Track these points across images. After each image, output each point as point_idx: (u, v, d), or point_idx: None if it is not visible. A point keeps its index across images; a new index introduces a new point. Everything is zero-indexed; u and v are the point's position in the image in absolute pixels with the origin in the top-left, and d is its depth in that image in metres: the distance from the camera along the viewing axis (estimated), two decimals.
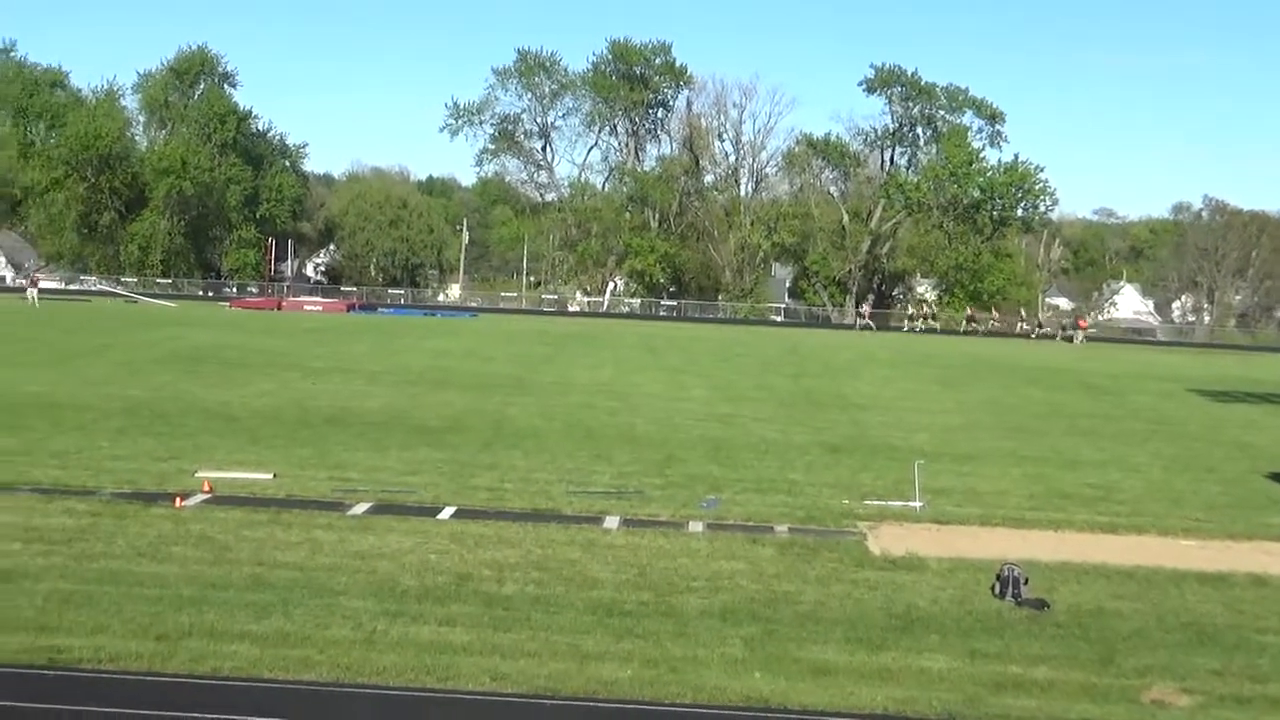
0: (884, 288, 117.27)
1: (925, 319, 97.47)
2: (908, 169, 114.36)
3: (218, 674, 11.19)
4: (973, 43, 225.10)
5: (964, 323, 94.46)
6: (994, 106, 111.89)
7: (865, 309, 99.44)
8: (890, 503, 20.49)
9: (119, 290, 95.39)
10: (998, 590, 14.91)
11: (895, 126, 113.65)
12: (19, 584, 13.51)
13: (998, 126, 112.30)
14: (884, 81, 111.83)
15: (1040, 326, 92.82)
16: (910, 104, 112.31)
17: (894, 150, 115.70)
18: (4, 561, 14.40)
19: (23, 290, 79.61)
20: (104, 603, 12.96)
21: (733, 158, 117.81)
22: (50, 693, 10.60)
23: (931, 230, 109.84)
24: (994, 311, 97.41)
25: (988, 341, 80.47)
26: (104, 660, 11.37)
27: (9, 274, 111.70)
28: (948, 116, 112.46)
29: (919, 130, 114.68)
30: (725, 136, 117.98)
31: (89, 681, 10.91)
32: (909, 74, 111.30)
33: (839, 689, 11.49)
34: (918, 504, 20.28)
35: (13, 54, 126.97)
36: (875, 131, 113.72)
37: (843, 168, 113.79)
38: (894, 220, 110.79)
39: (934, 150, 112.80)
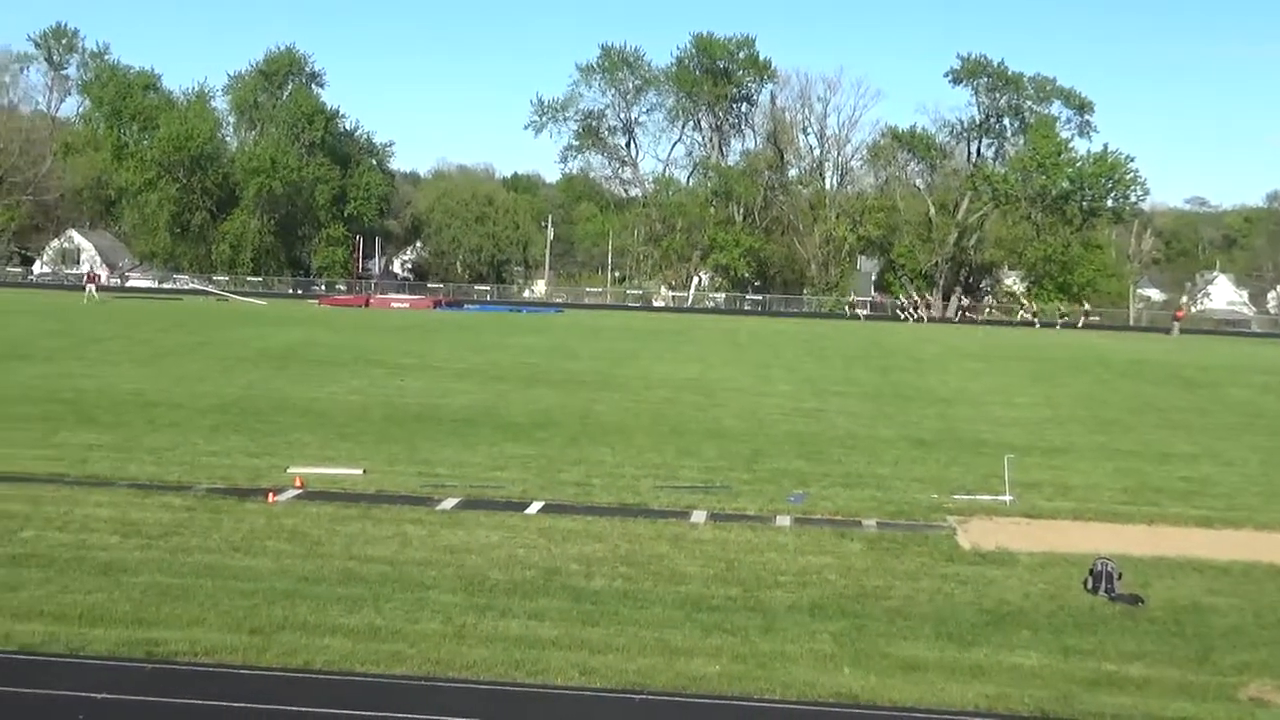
0: (971, 280, 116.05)
1: (915, 308, 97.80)
2: (995, 160, 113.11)
3: (311, 667, 11.31)
4: (1061, 32, 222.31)
5: (959, 314, 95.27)
6: (1082, 96, 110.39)
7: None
8: (979, 497, 20.31)
9: (210, 289, 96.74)
10: (1090, 585, 14.71)
11: (982, 118, 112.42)
12: (117, 578, 13.75)
13: (1086, 116, 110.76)
14: (970, 72, 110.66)
15: (1035, 315, 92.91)
16: (997, 94, 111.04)
17: (980, 141, 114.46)
18: (103, 555, 14.66)
19: (86, 286, 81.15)
20: (200, 596, 13.15)
21: (817, 151, 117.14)
22: (148, 685, 10.78)
23: (1019, 222, 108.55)
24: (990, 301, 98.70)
25: (1077, 334, 79.39)
26: (200, 653, 11.54)
27: (104, 273, 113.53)
28: (1035, 107, 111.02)
29: (1006, 121, 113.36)
30: (809, 130, 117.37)
31: (185, 675, 11.08)
32: (995, 64, 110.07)
33: (929, 685, 11.40)
34: (1007, 498, 20.07)
35: (107, 57, 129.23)
36: (961, 123, 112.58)
37: (928, 160, 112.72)
38: (981, 212, 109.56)
39: (1021, 141, 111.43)
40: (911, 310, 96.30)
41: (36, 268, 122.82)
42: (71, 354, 39.87)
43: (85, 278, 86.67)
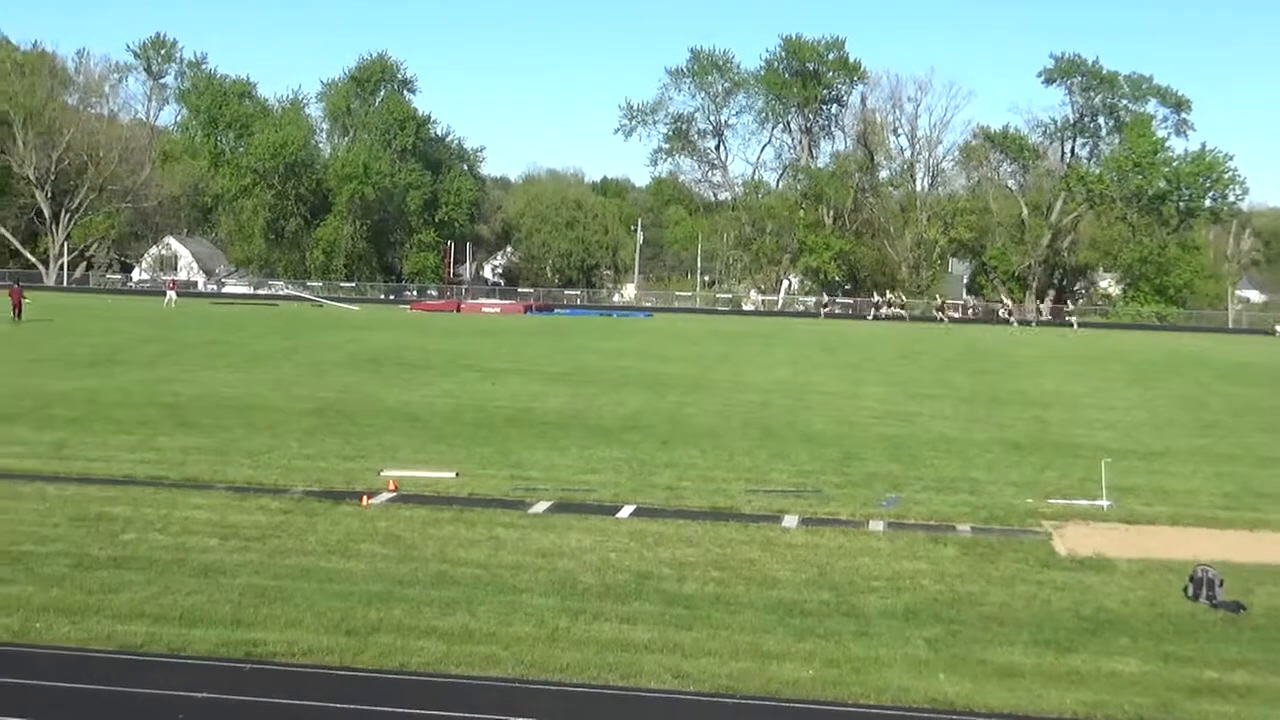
0: (1065, 282, 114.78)
1: (890, 305, 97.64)
2: (1089, 160, 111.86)
3: (406, 669, 11.39)
4: (1157, 29, 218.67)
5: (937, 312, 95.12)
6: (1179, 94, 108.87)
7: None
8: (1076, 502, 20.03)
9: (305, 294, 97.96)
10: (1191, 592, 14.45)
11: (1076, 117, 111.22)
12: (216, 579, 13.95)
13: (1183, 115, 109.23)
14: (1064, 71, 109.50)
15: (1011, 313, 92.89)
16: (1091, 94, 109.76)
17: (1074, 141, 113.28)
18: (203, 557, 14.88)
19: (167, 292, 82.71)
20: (297, 598, 13.30)
21: (908, 152, 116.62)
22: (247, 685, 10.91)
23: (1115, 223, 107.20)
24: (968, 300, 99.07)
25: (1179, 336, 78.20)
26: (297, 655, 11.66)
27: (201, 278, 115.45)
28: (1130, 106, 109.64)
29: (1100, 120, 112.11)
30: (900, 131, 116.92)
31: (283, 675, 11.20)
32: (1090, 63, 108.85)
33: (1026, 692, 11.25)
34: (1104, 503, 19.78)
35: (204, 66, 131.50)
36: (1055, 123, 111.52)
37: (1021, 161, 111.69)
38: (1075, 213, 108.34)
39: (1116, 141, 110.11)
40: (1006, 314, 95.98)
41: (135, 274, 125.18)
42: (169, 359, 40.56)
43: (167, 284, 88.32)
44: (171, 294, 79.61)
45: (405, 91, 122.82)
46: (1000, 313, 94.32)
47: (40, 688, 10.73)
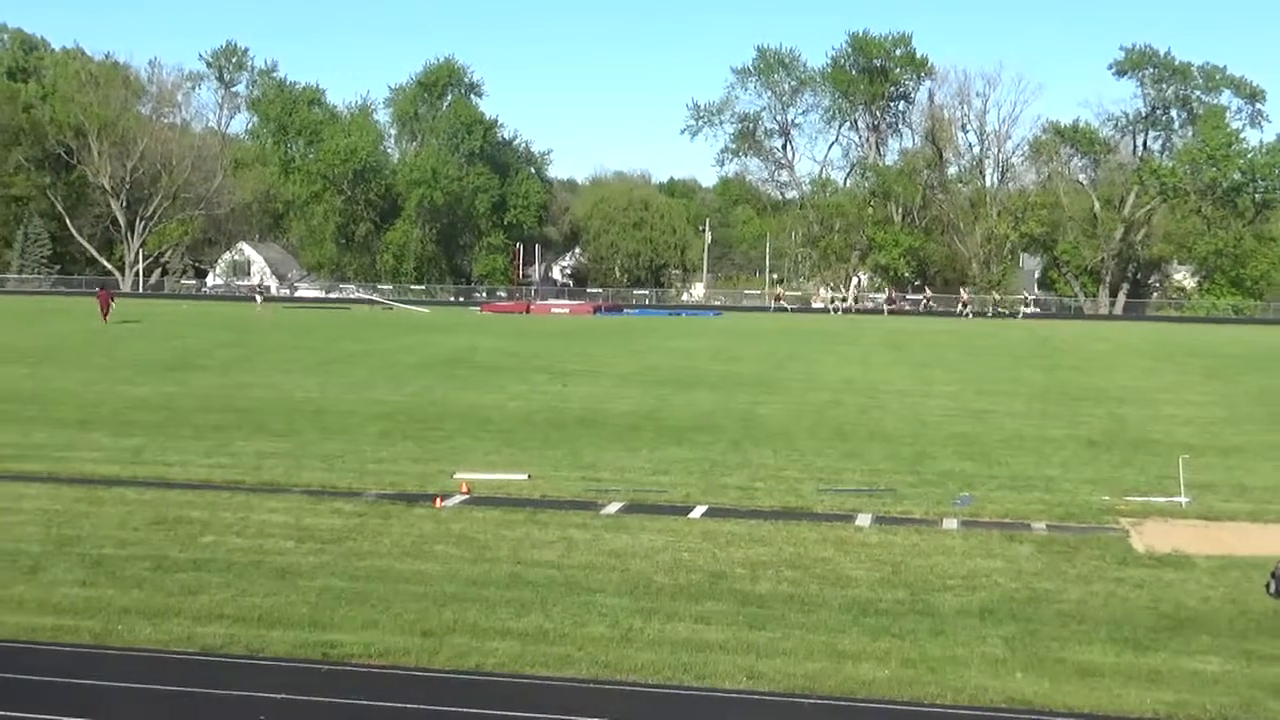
0: (1139, 276, 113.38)
1: (840, 299, 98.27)
2: (1162, 153, 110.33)
3: (481, 669, 11.44)
4: (1230, 19, 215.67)
5: (886, 304, 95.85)
6: (1254, 85, 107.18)
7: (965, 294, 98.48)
8: (1153, 498, 19.78)
9: (375, 297, 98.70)
10: (1274, 589, 14.22)
11: (1147, 110, 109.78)
12: (293, 582, 14.08)
13: (1258, 105, 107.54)
14: (1135, 63, 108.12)
15: (966, 305, 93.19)
16: (1163, 86, 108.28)
17: (1147, 134, 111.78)
18: (279, 560, 15.03)
19: (255, 297, 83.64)
20: (372, 600, 13.40)
21: (977, 148, 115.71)
22: (325, 686, 11.00)
23: (1189, 216, 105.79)
24: (927, 291, 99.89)
25: (1256, 329, 77.06)
26: (374, 656, 11.75)
27: (274, 284, 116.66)
28: (1204, 97, 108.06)
29: (1173, 113, 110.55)
30: (969, 127, 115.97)
31: (360, 676, 11.29)
32: (1161, 54, 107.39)
33: (1106, 691, 11.12)
34: (1183, 500, 19.52)
35: (274, 74, 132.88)
36: (1126, 116, 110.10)
37: (1092, 154, 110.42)
38: (1148, 207, 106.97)
39: (1190, 133, 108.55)
40: (840, 301, 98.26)
41: (209, 280, 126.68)
42: (244, 364, 41.01)
43: (252, 290, 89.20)
44: (259, 299, 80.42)
45: (472, 95, 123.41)
46: (960, 307, 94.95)
47: (122, 689, 10.88)
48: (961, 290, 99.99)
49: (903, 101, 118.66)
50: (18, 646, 11.90)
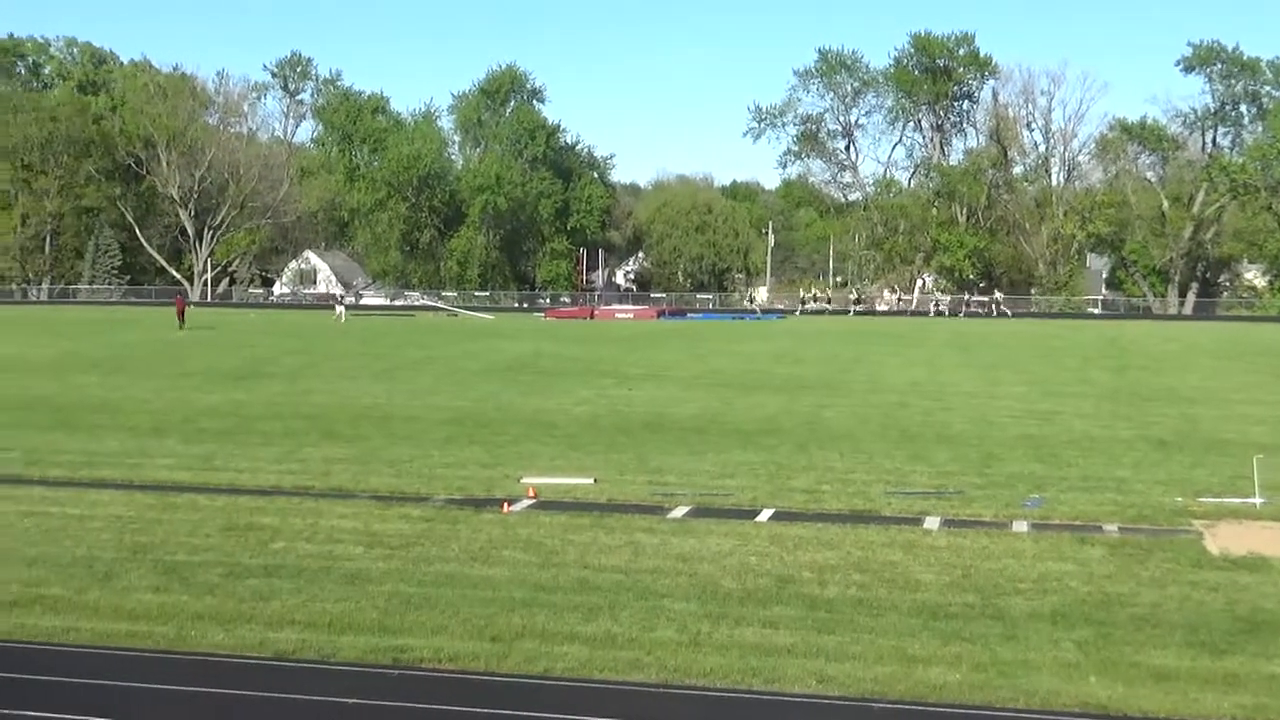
0: (1208, 275, 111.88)
1: (815, 299, 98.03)
2: (1231, 149, 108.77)
3: (550, 674, 11.47)
4: None
5: (851, 305, 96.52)
6: None
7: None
8: (1227, 499, 19.51)
9: (440, 304, 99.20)
10: None
11: (1216, 106, 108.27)
12: (363, 587, 14.17)
13: None
14: (1202, 59, 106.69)
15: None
16: (1232, 81, 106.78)
17: (1216, 131, 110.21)
18: (349, 565, 15.14)
19: (335, 307, 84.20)
20: (441, 605, 13.46)
21: (1042, 147, 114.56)
22: (395, 691, 11.06)
23: (1259, 213, 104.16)
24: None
25: None
26: (443, 660, 11.80)
27: (339, 291, 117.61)
28: (1274, 92, 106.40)
29: (1243, 108, 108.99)
30: (1034, 126, 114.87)
31: (430, 681, 11.34)
32: (1230, 50, 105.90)
33: (1181, 695, 10.97)
34: (1258, 500, 19.23)
35: (339, 83, 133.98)
36: (1195, 112, 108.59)
37: (1160, 152, 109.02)
38: (1218, 204, 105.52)
39: (1260, 128, 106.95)
40: (814, 301, 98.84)
41: (276, 288, 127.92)
42: (311, 371, 41.36)
43: (334, 300, 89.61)
44: (341, 310, 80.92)
45: (534, 101, 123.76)
46: (933, 305, 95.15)
47: (195, 694, 11.00)
48: (936, 293, 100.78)
49: (966, 101, 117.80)
50: (94, 652, 12.05)
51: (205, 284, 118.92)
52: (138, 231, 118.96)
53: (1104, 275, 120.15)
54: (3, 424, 27.68)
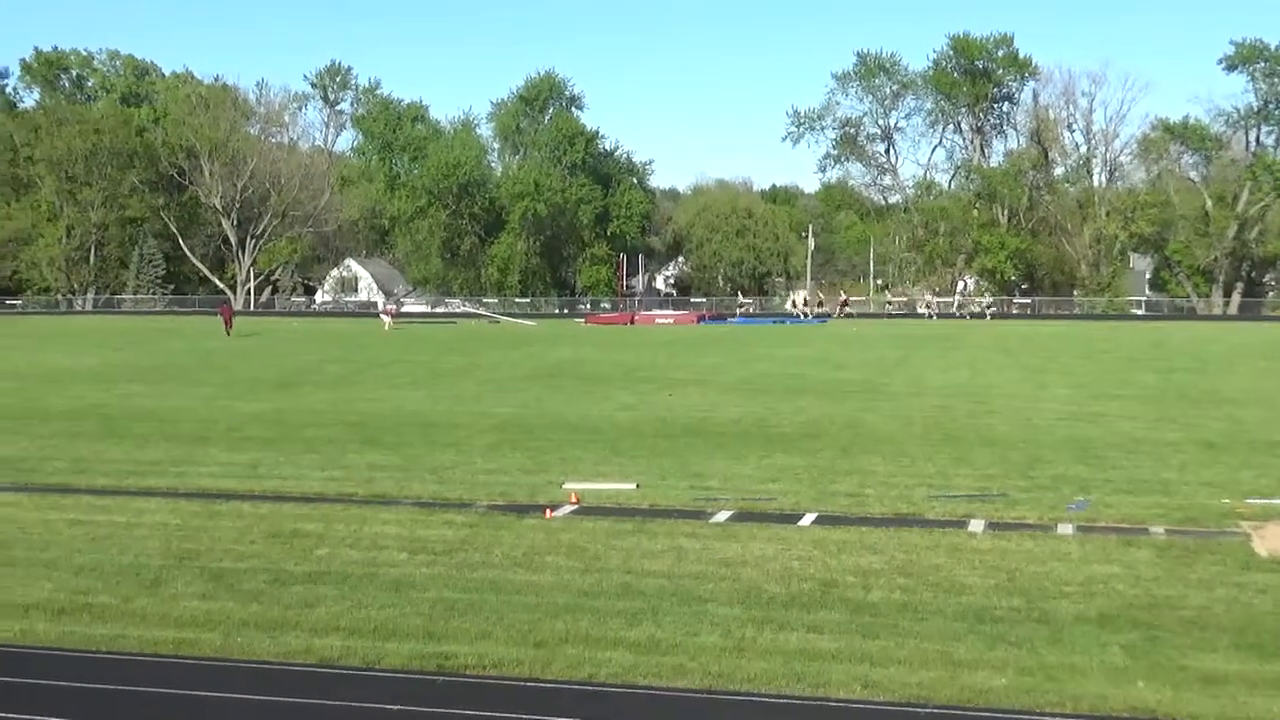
0: (1254, 275, 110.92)
1: (810, 306, 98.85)
2: (1275, 148, 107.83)
3: (594, 680, 11.47)
4: None
5: (839, 308, 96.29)
6: None
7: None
8: (1275, 501, 19.32)
9: (481, 311, 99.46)
10: None
11: (1260, 104, 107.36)
12: (407, 593, 14.21)
13: None
14: (1245, 57, 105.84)
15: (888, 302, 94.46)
16: (1275, 79, 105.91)
17: (1259, 129, 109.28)
18: (393, 572, 15.19)
19: (380, 315, 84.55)
20: (485, 611, 13.49)
21: (1084, 148, 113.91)
22: (440, 698, 11.09)
23: None
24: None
25: None
26: (488, 666, 11.82)
27: (380, 299, 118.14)
28: None
29: None
30: (1075, 126, 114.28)
31: (474, 687, 11.36)
32: (1273, 48, 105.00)
33: (1230, 699, 10.88)
34: None
35: (378, 92, 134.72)
36: (1238, 111, 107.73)
37: (1203, 151, 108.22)
38: (1262, 203, 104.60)
39: None
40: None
41: (318, 297, 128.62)
42: (353, 379, 41.55)
43: (383, 309, 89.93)
44: (387, 319, 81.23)
45: (573, 108, 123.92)
46: (920, 307, 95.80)
47: (242, 701, 11.05)
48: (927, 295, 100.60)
49: (1006, 103, 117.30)
50: (142, 659, 12.14)
51: (248, 293, 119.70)
52: (181, 241, 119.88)
53: (1147, 276, 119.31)
54: (50, 433, 27.94)
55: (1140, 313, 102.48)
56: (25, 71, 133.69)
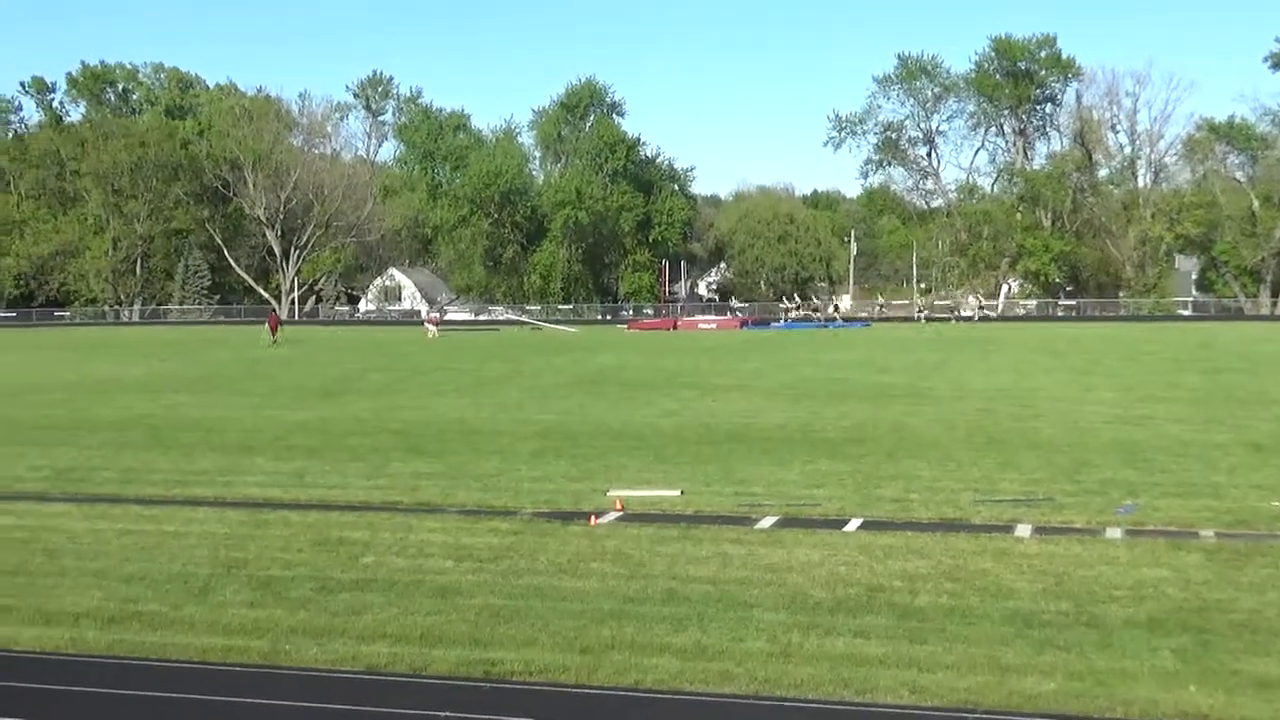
0: None
1: (797, 309, 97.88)
2: None
3: (640, 686, 11.45)
4: None
5: (834, 314, 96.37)
6: None
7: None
8: None
9: (524, 318, 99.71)
10: None
11: None
12: (453, 600, 14.24)
13: None
14: None
15: (921, 310, 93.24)
16: None
17: None
18: (439, 579, 15.22)
19: (424, 324, 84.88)
20: (531, 617, 13.50)
21: (1128, 149, 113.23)
22: (487, 704, 11.10)
23: None
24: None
25: None
26: (534, 673, 11.82)
27: (424, 308, 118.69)
28: None
29: None
30: (1119, 127, 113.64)
31: (521, 693, 11.37)
32: None
33: None
34: None
35: (419, 101, 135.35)
36: None
37: (1249, 151, 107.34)
38: None
39: None
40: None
41: (362, 306, 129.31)
42: (397, 387, 41.72)
43: (428, 318, 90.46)
44: (432, 328, 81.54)
45: (614, 115, 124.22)
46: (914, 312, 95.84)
47: (290, 708, 11.10)
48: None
49: (1049, 104, 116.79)
50: (192, 667, 12.22)
51: (292, 302, 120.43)
52: (226, 252, 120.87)
53: (1194, 277, 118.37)
54: (99, 443, 28.18)
55: (1187, 314, 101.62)
56: (71, 85, 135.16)
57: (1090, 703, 10.85)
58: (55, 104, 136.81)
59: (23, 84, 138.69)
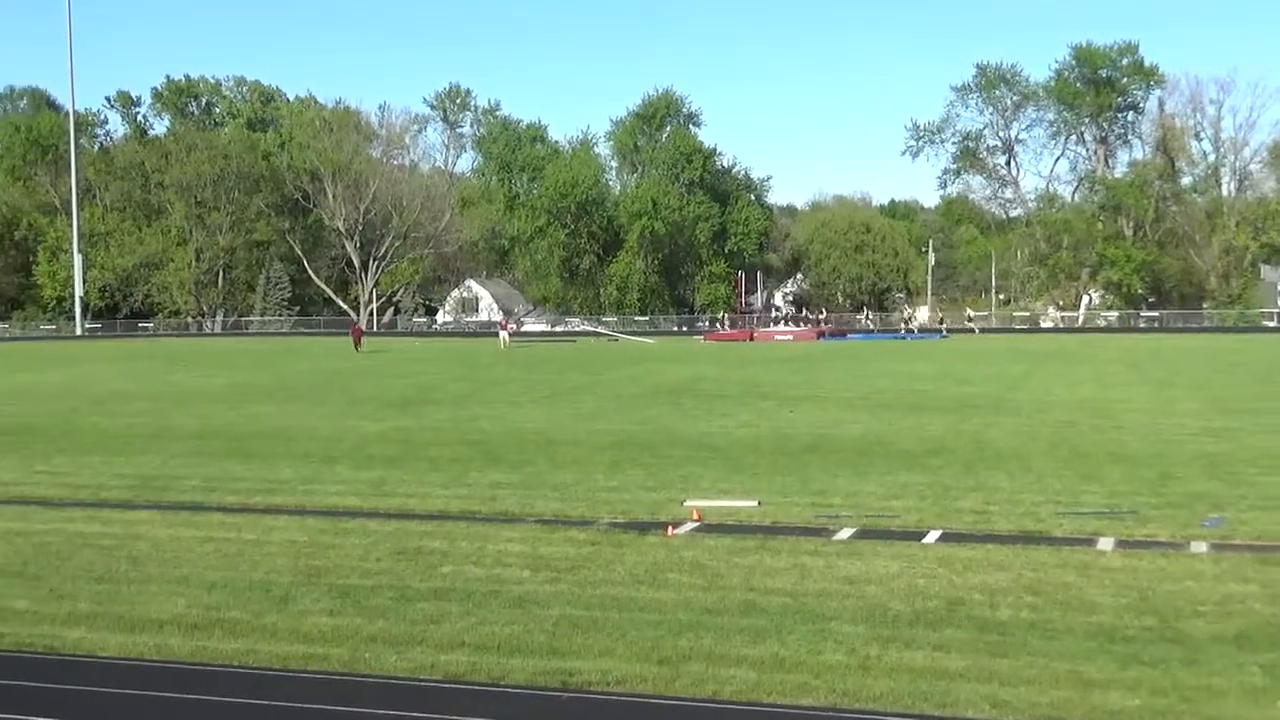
0: None
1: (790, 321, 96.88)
2: None
3: (718, 698, 11.41)
4: None
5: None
6: None
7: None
8: None
9: (600, 329, 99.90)
10: None
11: None
12: (530, 610, 14.27)
13: None
14: None
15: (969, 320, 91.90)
16: None
17: None
18: (517, 589, 15.26)
19: (497, 334, 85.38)
20: (608, 628, 13.49)
21: (1212, 157, 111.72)
22: (565, 714, 11.11)
23: None
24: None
25: None
26: (611, 683, 11.81)
27: (505, 319, 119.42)
28: None
29: None
30: (1203, 135, 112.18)
31: (599, 704, 11.36)
32: None
33: None
34: None
35: (498, 113, 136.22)
36: None
37: None
38: None
39: None
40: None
41: (440, 317, 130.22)
42: (475, 398, 41.94)
43: (501, 325, 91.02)
44: (504, 335, 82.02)
45: (690, 125, 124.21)
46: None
47: (370, 715, 11.16)
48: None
49: (1131, 112, 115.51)
50: (274, 674, 12.32)
51: (371, 314, 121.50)
52: (306, 264, 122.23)
53: (1279, 287, 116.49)
54: (183, 452, 28.55)
55: (1273, 325, 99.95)
56: (156, 99, 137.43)
57: (1175, 719, 10.68)
58: (140, 117, 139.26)
59: (108, 98, 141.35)
